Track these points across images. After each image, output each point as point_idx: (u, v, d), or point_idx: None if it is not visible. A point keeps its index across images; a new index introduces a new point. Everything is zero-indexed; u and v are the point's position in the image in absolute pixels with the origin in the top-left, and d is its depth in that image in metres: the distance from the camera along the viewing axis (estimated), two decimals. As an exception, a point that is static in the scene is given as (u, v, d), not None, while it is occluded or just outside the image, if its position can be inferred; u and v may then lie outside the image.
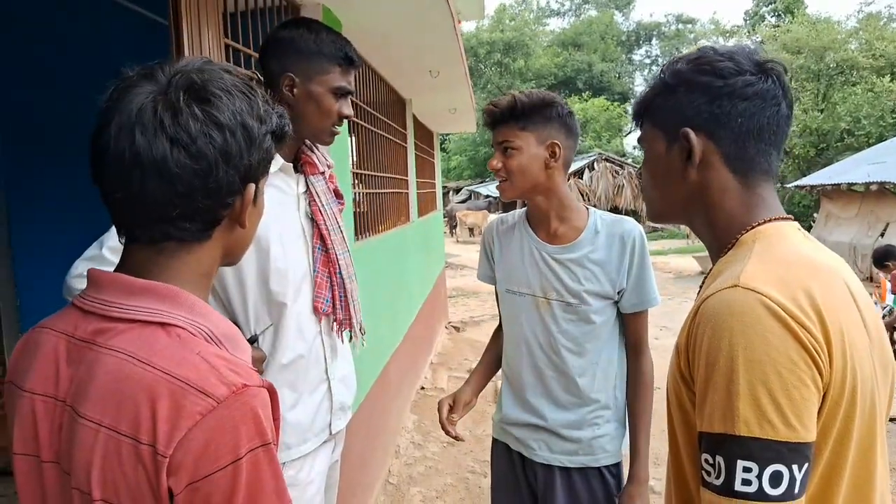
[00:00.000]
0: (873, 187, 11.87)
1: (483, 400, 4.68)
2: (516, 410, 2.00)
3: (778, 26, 24.80)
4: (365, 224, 4.31)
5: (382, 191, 5.03)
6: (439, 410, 2.04)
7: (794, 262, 0.92)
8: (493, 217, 2.17)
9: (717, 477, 0.84)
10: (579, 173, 27.92)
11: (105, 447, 0.75)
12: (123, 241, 0.86)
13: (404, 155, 6.18)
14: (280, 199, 1.67)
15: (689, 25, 41.22)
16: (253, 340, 1.61)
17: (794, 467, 0.81)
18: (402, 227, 5.72)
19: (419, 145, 7.36)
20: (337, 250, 1.77)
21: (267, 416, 0.79)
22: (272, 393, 0.83)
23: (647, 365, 1.96)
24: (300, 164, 1.75)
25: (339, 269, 1.77)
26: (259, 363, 1.60)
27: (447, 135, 33.83)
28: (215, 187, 0.81)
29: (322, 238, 1.75)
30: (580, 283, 1.85)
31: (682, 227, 24.59)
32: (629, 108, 41.57)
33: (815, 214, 15.85)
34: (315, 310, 1.73)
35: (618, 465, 1.98)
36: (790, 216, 1.02)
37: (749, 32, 27.49)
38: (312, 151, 1.77)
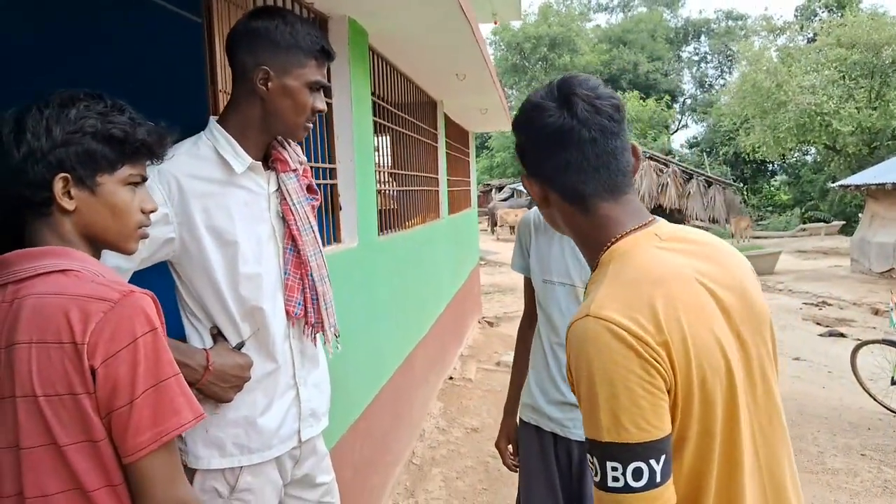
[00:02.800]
0: (920, 187, 11.63)
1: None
2: (552, 390, 2.07)
3: (832, 21, 24.15)
4: (392, 220, 4.58)
5: (411, 188, 5.30)
6: (502, 454, 2.22)
7: (639, 280, 1.06)
8: (530, 212, 2.32)
9: (596, 475, 1.01)
10: (623, 172, 27.75)
11: (38, 356, 1.02)
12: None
13: (435, 154, 6.43)
14: (247, 199, 1.62)
15: (739, 22, 40.42)
16: (240, 346, 1.61)
17: (652, 462, 0.97)
18: (431, 224, 5.98)
19: (452, 144, 7.59)
20: (308, 251, 1.71)
21: (153, 313, 1.09)
22: (154, 300, 1.13)
23: None
24: (271, 162, 1.69)
25: (311, 270, 1.71)
26: (246, 369, 1.59)
27: (488, 133, 33.98)
28: (24, 177, 1.10)
29: (293, 239, 1.69)
30: None
31: (728, 227, 24.27)
32: (677, 106, 41.08)
33: (859, 215, 15.50)
34: (287, 313, 1.67)
35: None
36: (649, 220, 1.15)
37: (801, 28, 26.84)
38: (284, 148, 1.71)
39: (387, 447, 3.97)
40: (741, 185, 30.60)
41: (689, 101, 43.13)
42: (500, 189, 33.19)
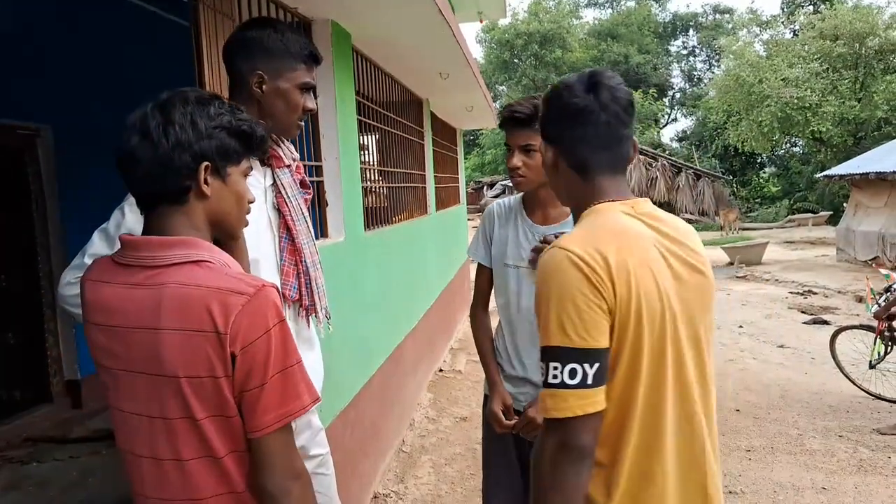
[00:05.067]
0: (902, 176, 11.79)
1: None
2: (507, 366, 2.31)
3: (818, 12, 24.32)
4: (378, 216, 4.70)
5: (397, 185, 5.41)
6: (496, 418, 2.28)
7: (600, 230, 1.30)
8: (493, 204, 2.50)
9: (542, 376, 1.24)
10: (612, 166, 27.84)
11: (182, 342, 1.14)
12: (143, 212, 1.28)
13: (422, 151, 6.54)
14: None
15: (727, 15, 40.60)
16: None
17: (586, 366, 1.19)
18: (419, 219, 6.10)
19: (439, 141, 7.71)
20: (302, 239, 1.86)
21: (280, 304, 1.21)
22: (279, 291, 1.26)
23: None
24: (267, 159, 1.82)
25: (304, 257, 1.86)
26: None
27: (479, 130, 34.04)
28: (171, 164, 1.20)
29: (288, 228, 1.84)
30: None
31: (717, 219, 24.45)
32: (666, 100, 41.22)
33: (844, 205, 15.68)
34: (283, 297, 1.77)
35: None
36: (632, 198, 1.38)
37: (787, 20, 27.03)
38: (278, 146, 1.85)
39: (376, 435, 4.10)
40: (730, 177, 30.77)
41: (678, 95, 43.29)
42: (491, 186, 33.26)
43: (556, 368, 1.20)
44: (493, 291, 2.42)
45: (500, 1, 9.01)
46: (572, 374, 1.18)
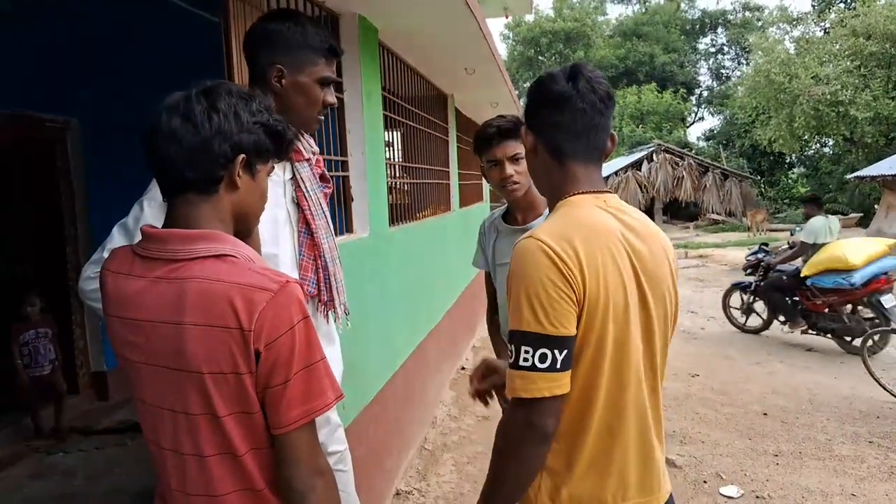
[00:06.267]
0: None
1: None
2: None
3: (847, 12, 23.83)
4: (403, 212, 4.68)
5: (422, 181, 5.40)
6: (499, 392, 2.39)
7: (571, 223, 1.36)
8: (484, 219, 2.64)
9: (511, 358, 1.30)
10: (637, 165, 27.56)
11: (206, 338, 1.12)
12: (166, 200, 1.26)
13: (446, 147, 6.52)
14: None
15: (757, 13, 40.01)
16: None
17: (555, 351, 1.27)
18: (443, 216, 6.08)
19: (463, 138, 7.68)
20: (322, 234, 1.84)
21: (304, 301, 1.19)
22: (302, 286, 1.25)
23: None
24: None
25: (323, 252, 1.84)
26: None
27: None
28: (210, 151, 1.19)
29: (307, 223, 1.83)
30: None
31: (744, 220, 24.14)
32: (693, 99, 40.78)
33: (876, 206, 15.37)
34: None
35: None
36: (601, 190, 1.45)
37: (816, 19, 26.53)
38: (298, 140, 1.84)
39: (399, 431, 4.09)
40: (758, 177, 30.34)
41: (705, 94, 42.80)
42: (515, 183, 33.09)
43: (527, 352, 1.27)
44: None
45: (527, -4, 8.95)
46: (542, 358, 1.26)
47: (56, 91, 4.89)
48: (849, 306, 7.18)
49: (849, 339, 7.25)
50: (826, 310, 7.33)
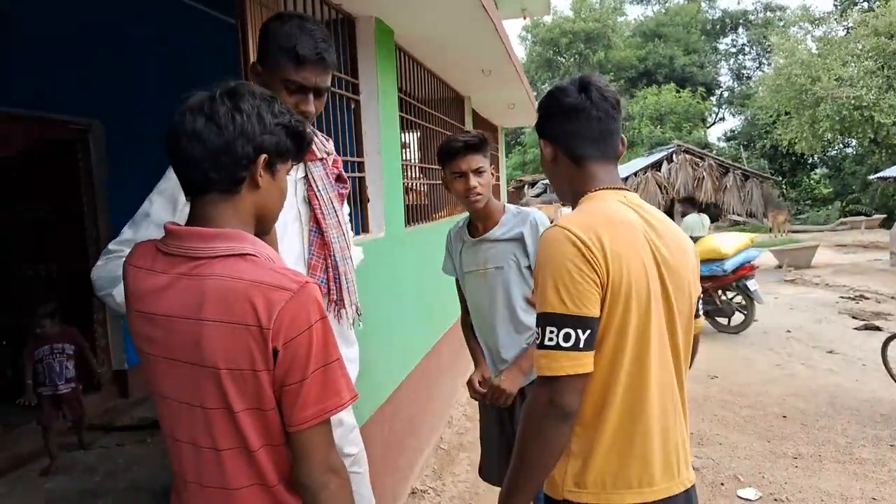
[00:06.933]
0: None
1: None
2: (493, 370, 2.62)
3: (869, 11, 23.50)
4: (419, 213, 4.70)
5: (438, 182, 5.41)
6: (472, 386, 2.65)
7: (595, 215, 1.45)
8: (450, 229, 2.81)
9: (537, 339, 1.37)
10: (657, 165, 27.32)
11: (224, 334, 1.14)
12: (188, 198, 1.28)
13: (463, 149, 6.52)
14: None
15: (778, 13, 39.55)
16: None
17: (579, 331, 1.33)
18: (458, 217, 6.08)
19: (481, 140, 7.67)
20: (332, 234, 1.84)
21: (322, 301, 1.21)
22: (320, 287, 1.27)
23: None
24: None
25: (334, 251, 1.84)
26: None
27: (522, 129, 33.84)
28: (234, 151, 1.20)
29: (318, 221, 1.82)
30: (499, 256, 2.54)
31: (766, 221, 23.87)
32: (714, 99, 40.42)
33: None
34: None
35: None
36: (620, 187, 1.53)
37: (839, 19, 26.17)
38: (312, 139, 1.80)
39: (414, 430, 4.11)
40: (780, 178, 29.97)
41: (726, 94, 42.37)
42: (532, 185, 33.06)
43: (552, 332, 1.33)
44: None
45: (545, -2, 8.94)
46: (566, 337, 1.32)
47: (78, 94, 4.97)
48: (720, 291, 8.42)
49: (721, 320, 8.51)
50: (702, 294, 7.59)
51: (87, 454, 4.56)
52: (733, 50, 43.16)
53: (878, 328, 8.60)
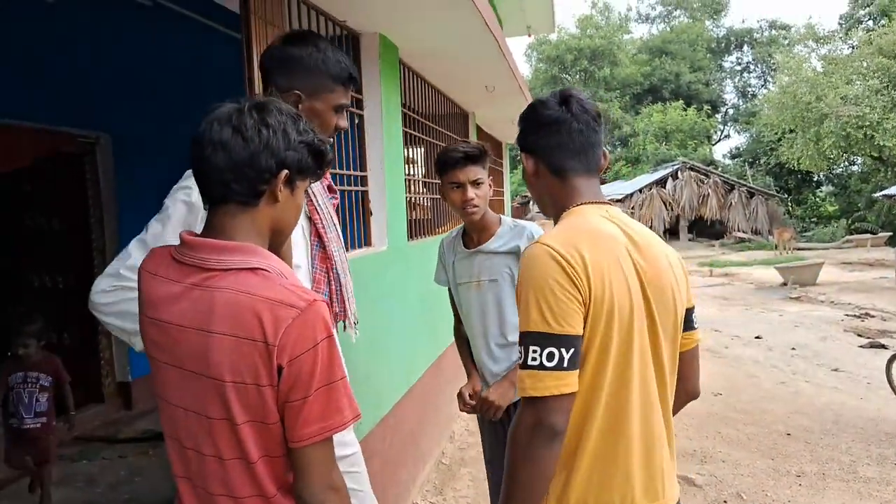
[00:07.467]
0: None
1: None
2: (483, 383, 2.61)
3: (874, 30, 23.57)
4: (422, 227, 4.72)
5: (439, 197, 5.44)
6: (461, 398, 2.64)
7: (577, 230, 1.44)
8: (443, 239, 2.79)
9: (520, 359, 1.34)
10: (662, 182, 27.39)
11: (231, 348, 1.15)
12: (206, 206, 1.30)
13: (467, 164, 6.55)
14: None
15: (783, 31, 39.70)
16: None
17: (563, 350, 1.31)
18: (463, 231, 6.10)
19: (485, 155, 7.71)
20: (333, 247, 1.87)
21: (329, 319, 1.21)
22: (329, 305, 1.27)
23: None
24: None
25: (335, 264, 1.87)
26: None
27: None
28: (257, 164, 1.22)
29: (319, 235, 1.85)
30: (493, 268, 2.53)
31: (771, 238, 23.84)
32: (719, 116, 40.50)
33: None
34: None
35: None
36: (605, 201, 1.53)
37: (843, 37, 26.28)
38: None
39: (415, 444, 4.10)
40: (785, 196, 29.97)
41: (731, 111, 42.49)
42: (538, 201, 33.00)
43: (535, 351, 1.31)
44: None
45: (549, 16, 9.01)
46: (550, 356, 1.30)
47: (87, 107, 5.04)
48: None
49: None
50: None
51: (89, 465, 4.57)
52: (738, 68, 43.43)
53: (883, 346, 8.56)
